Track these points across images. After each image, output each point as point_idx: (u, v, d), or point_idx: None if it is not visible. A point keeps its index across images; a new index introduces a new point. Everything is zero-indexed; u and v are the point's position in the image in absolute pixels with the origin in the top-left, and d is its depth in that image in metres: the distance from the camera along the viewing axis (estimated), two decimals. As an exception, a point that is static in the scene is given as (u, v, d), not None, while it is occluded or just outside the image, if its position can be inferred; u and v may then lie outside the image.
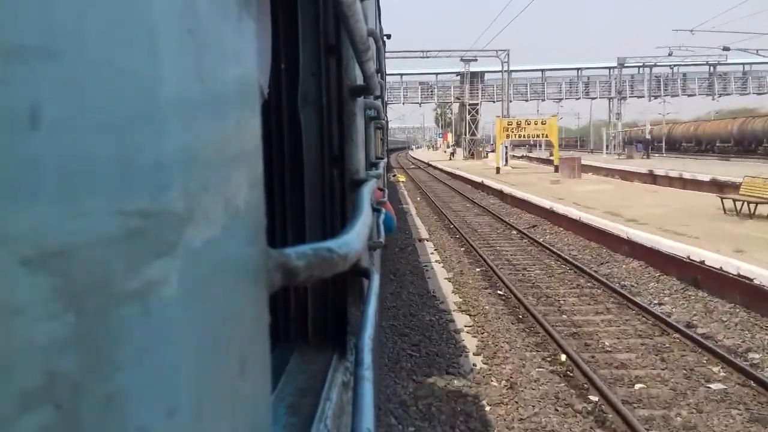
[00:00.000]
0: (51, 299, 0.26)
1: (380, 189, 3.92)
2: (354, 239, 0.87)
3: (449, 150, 63.33)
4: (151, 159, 0.33)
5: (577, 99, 59.08)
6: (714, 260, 9.85)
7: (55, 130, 0.27)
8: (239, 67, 0.48)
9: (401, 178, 34.65)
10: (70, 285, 0.27)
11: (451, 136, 70.91)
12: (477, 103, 57.01)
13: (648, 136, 53.41)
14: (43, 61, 0.26)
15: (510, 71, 48.95)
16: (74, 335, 0.27)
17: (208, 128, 0.42)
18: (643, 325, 8.56)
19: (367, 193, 1.46)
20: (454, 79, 58.75)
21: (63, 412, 0.26)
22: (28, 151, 0.25)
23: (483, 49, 49.90)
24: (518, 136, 36.43)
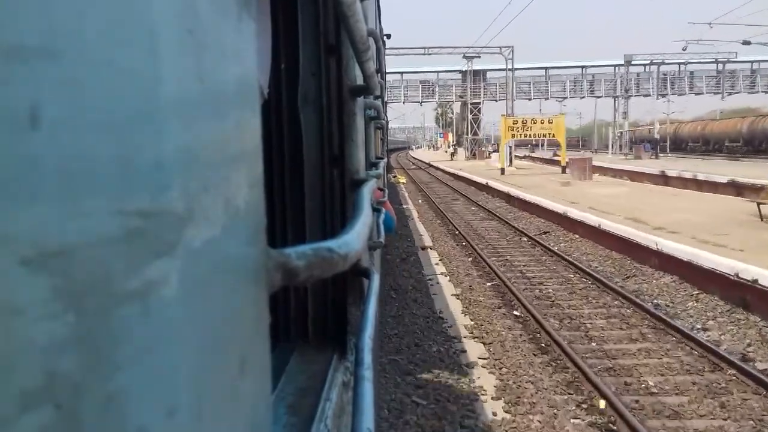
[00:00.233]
0: (51, 299, 0.26)
1: (380, 189, 3.92)
2: (354, 239, 0.87)
3: (450, 150, 62.34)
4: (151, 159, 0.33)
5: (582, 98, 57.75)
6: (768, 278, 8.35)
7: (55, 130, 0.27)
8: (239, 67, 0.48)
9: (402, 179, 33.51)
10: (70, 285, 0.27)
11: (452, 135, 70.46)
12: (479, 102, 55.87)
13: (657, 135, 52.00)
14: (43, 61, 0.26)
15: (514, 69, 47.12)
16: (74, 335, 0.27)
17: (208, 128, 0.42)
18: (689, 356, 7.16)
19: (367, 193, 1.46)
20: (455, 78, 57.21)
21: (63, 412, 0.26)
22: (28, 151, 0.25)
23: (486, 46, 47.38)
24: (524, 135, 34.82)
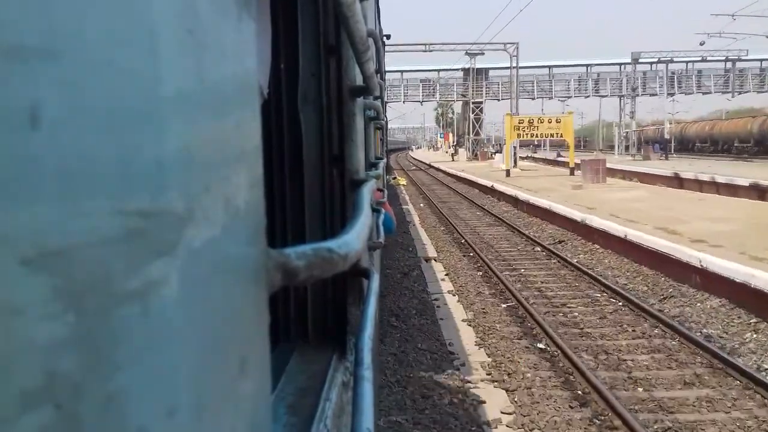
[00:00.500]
0: (51, 299, 0.26)
1: (380, 189, 3.92)
2: (354, 239, 0.87)
3: (450, 150, 61.08)
4: (151, 159, 0.33)
5: (587, 97, 56.19)
6: None
7: (55, 130, 0.27)
8: (239, 67, 0.48)
9: (402, 181, 31.74)
10: (70, 285, 0.27)
11: (452, 136, 69.89)
12: (481, 102, 53.88)
13: (667, 135, 49.99)
14: (43, 61, 0.26)
15: (518, 67, 45.84)
16: (74, 335, 0.27)
17: (208, 128, 0.42)
18: (763, 409, 5.60)
19: (367, 193, 1.46)
20: (457, 76, 55.63)
21: (63, 412, 0.26)
22: (28, 151, 0.25)
23: (490, 42, 45.30)
24: (530, 135, 32.62)
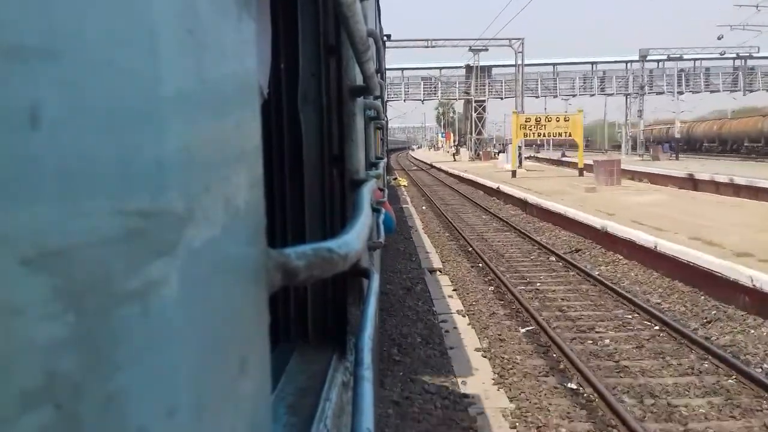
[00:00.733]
0: (51, 299, 0.26)
1: (380, 189, 3.92)
2: (354, 239, 0.87)
3: (452, 150, 60.06)
4: (151, 159, 0.33)
5: (592, 95, 53.99)
6: None
7: (55, 130, 0.27)
8: (239, 67, 0.48)
9: (403, 182, 30.45)
10: (70, 285, 0.27)
11: (453, 135, 69.37)
12: (484, 100, 51.74)
13: (677, 135, 47.67)
14: (43, 61, 0.26)
15: (524, 64, 43.01)
16: (74, 335, 0.27)
17: (208, 128, 0.42)
18: None
19: (367, 193, 1.46)
20: (459, 74, 53.16)
21: (63, 412, 0.26)
22: (28, 151, 0.25)
23: (494, 38, 42.85)
24: (537, 134, 31.08)
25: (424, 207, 22.14)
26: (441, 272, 11.51)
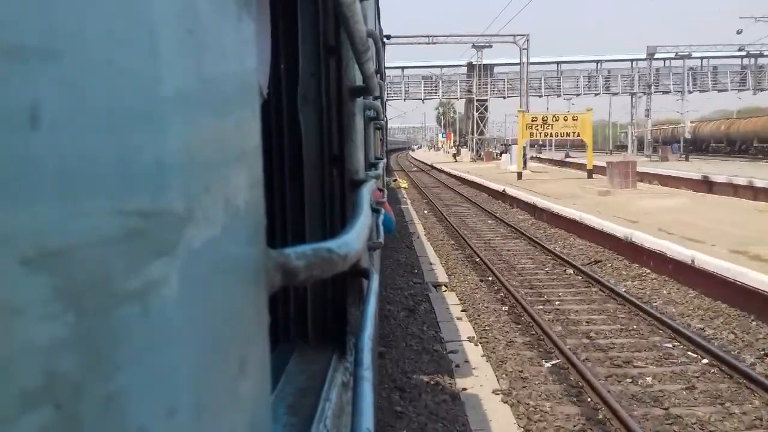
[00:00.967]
0: (51, 299, 0.26)
1: (380, 189, 3.92)
2: (354, 239, 0.87)
3: (452, 150, 58.88)
4: (151, 159, 0.33)
5: (597, 94, 52.25)
6: None
7: (55, 130, 0.27)
8: (239, 67, 0.48)
9: (403, 184, 29.08)
10: (70, 285, 0.27)
11: (453, 135, 68.77)
12: (486, 99, 50.74)
13: (688, 135, 46.75)
14: (43, 61, 0.26)
15: (528, 62, 41.64)
16: (74, 335, 0.27)
17: (208, 128, 0.42)
18: None
19: (367, 193, 1.47)
20: (460, 73, 52.05)
21: (63, 412, 0.26)
22: (28, 151, 0.25)
23: (498, 34, 41.35)
24: (544, 134, 29.64)
25: (425, 211, 20.85)
26: (447, 287, 10.29)
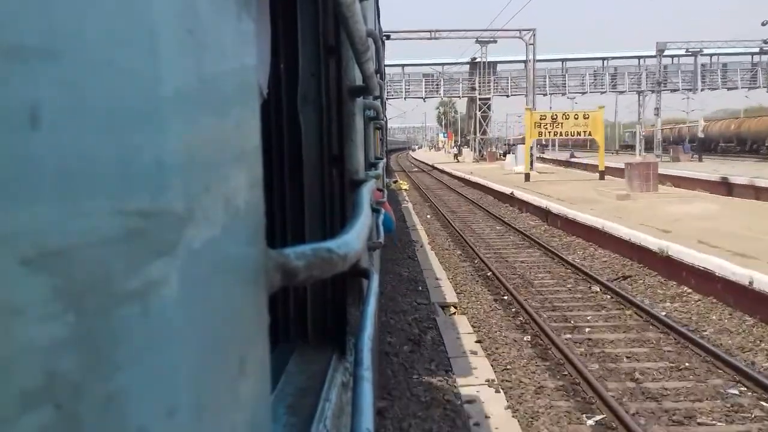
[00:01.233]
0: (51, 299, 0.26)
1: (379, 189, 3.92)
2: (353, 239, 0.87)
3: (453, 150, 57.17)
4: (151, 159, 0.33)
5: (603, 93, 50.34)
6: None
7: (55, 130, 0.27)
8: (239, 67, 0.48)
9: (404, 185, 28.17)
10: (70, 285, 0.27)
11: (455, 135, 68.24)
12: (489, 98, 48.93)
13: (701, 134, 43.30)
14: (43, 61, 0.26)
15: (535, 59, 39.44)
16: (74, 335, 0.27)
17: (208, 128, 0.42)
18: None
19: (367, 193, 1.46)
20: (462, 71, 50.49)
21: (63, 412, 0.26)
22: (28, 151, 0.25)
23: (503, 29, 39.17)
24: (553, 133, 28.11)
25: (428, 215, 19.53)
26: (457, 309, 8.82)
